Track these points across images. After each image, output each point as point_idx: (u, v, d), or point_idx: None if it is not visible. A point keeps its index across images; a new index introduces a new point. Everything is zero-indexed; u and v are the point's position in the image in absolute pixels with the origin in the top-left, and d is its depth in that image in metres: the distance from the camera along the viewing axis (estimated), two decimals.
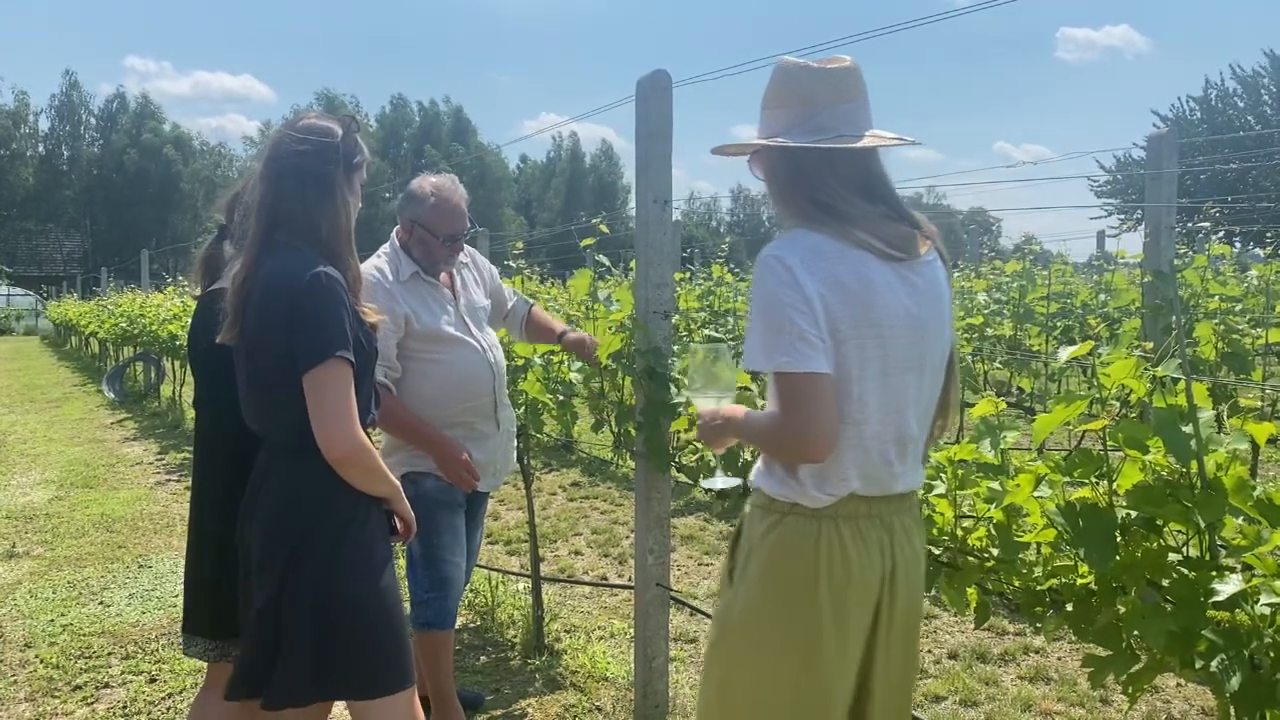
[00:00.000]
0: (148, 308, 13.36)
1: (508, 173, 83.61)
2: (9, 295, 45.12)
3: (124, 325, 14.30)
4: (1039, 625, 2.13)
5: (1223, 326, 4.40)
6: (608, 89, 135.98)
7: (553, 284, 13.76)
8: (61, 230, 66.51)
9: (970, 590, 2.32)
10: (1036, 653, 4.19)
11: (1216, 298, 4.48)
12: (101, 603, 5.10)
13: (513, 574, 5.26)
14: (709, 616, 4.19)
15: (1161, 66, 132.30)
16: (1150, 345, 4.11)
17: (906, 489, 1.92)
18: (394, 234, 3.39)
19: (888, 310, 1.79)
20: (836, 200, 1.81)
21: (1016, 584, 2.19)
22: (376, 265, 3.28)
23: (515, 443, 3.71)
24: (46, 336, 33.76)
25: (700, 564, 5.57)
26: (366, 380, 2.31)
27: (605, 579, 5.37)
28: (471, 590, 4.87)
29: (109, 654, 4.38)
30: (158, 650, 4.40)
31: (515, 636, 4.38)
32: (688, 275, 11.20)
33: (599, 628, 4.58)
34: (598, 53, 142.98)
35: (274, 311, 2.16)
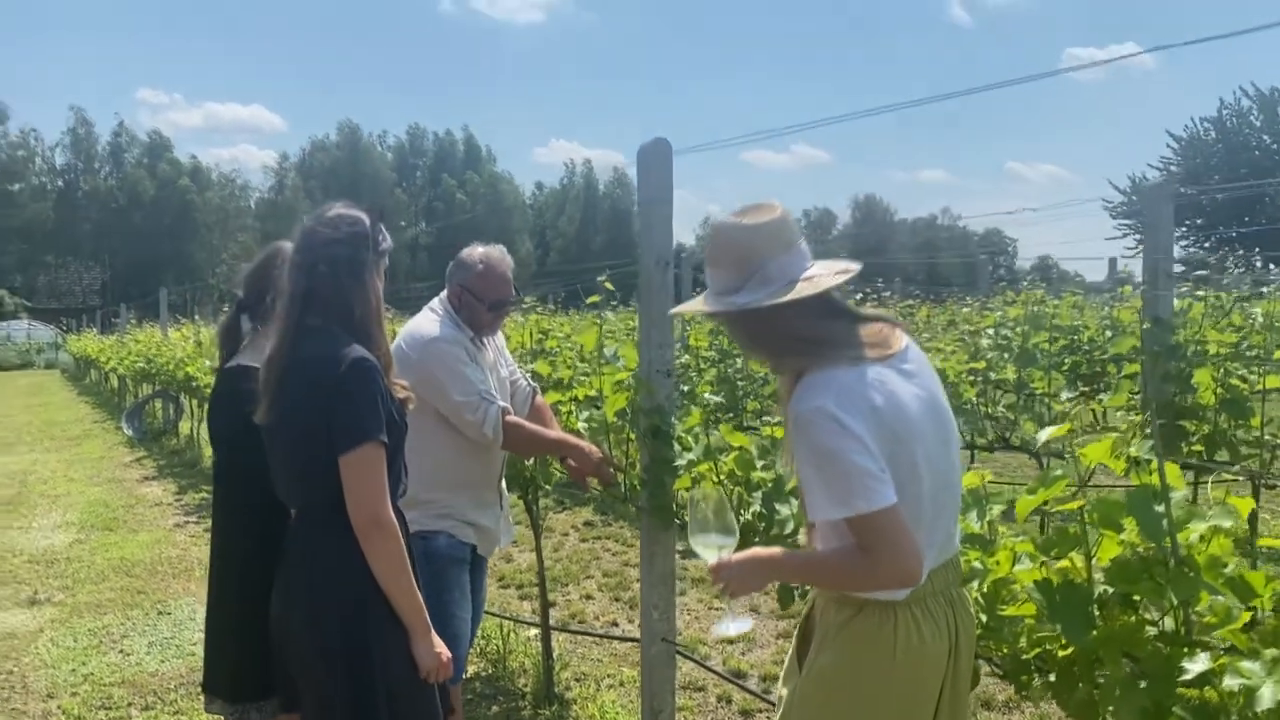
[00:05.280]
0: (165, 347, 13.54)
1: (520, 200, 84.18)
2: (29, 329, 45.62)
3: (142, 364, 14.48)
4: (1024, 693, 2.20)
5: (1222, 371, 4.44)
6: (616, 114, 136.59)
7: (564, 317, 13.88)
8: (80, 263, 67.20)
9: None
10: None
11: (1214, 344, 4.53)
12: (121, 651, 5.20)
13: (523, 622, 5.33)
14: (717, 673, 4.26)
15: (1170, 82, 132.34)
16: (1132, 415, 4.20)
17: (958, 546, 2.06)
18: (444, 296, 3.50)
19: (914, 411, 1.89)
20: (810, 331, 1.91)
21: (1005, 651, 2.26)
22: (436, 319, 3.39)
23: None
24: (66, 370, 34.07)
25: (711, 608, 5.63)
26: (400, 454, 2.44)
27: (615, 624, 5.44)
28: (483, 637, 4.95)
29: (129, 704, 4.48)
30: (177, 700, 4.49)
31: (526, 685, 4.45)
32: None
33: (609, 675, 4.65)
34: (605, 78, 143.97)
35: (316, 395, 2.29)
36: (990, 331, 7.83)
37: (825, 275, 1.93)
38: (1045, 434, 2.09)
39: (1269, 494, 6.84)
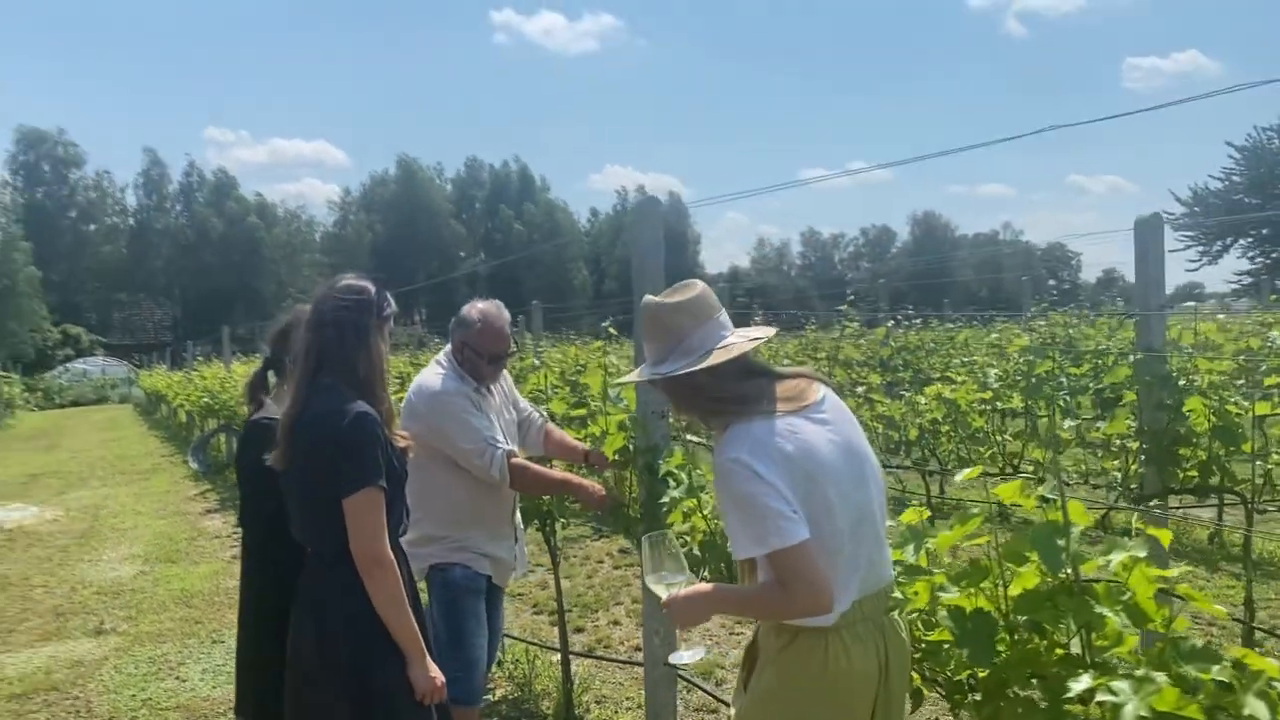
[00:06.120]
0: (228, 382, 14.12)
1: (576, 229, 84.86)
2: (104, 365, 47.30)
3: (206, 399, 15.08)
4: (957, 712, 2.40)
5: (1217, 399, 4.57)
6: (670, 137, 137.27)
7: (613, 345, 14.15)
8: (152, 300, 69.35)
9: (914, 676, 2.61)
10: None
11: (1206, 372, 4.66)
12: (178, 677, 5.56)
13: (545, 646, 5.58)
14: (718, 698, 4.48)
15: (1233, 91, 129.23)
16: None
17: (890, 576, 2.27)
18: (448, 350, 3.81)
19: (826, 454, 2.14)
20: (728, 391, 2.18)
21: (946, 674, 2.47)
22: (441, 373, 3.69)
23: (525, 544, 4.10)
24: (139, 405, 35.25)
25: (732, 632, 5.84)
26: (399, 498, 2.73)
27: (639, 649, 5.66)
28: (511, 661, 5.22)
29: None
30: None
31: (549, 708, 4.70)
32: None
33: (628, 698, 4.88)
34: (658, 103, 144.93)
35: (323, 445, 2.58)
36: (1016, 356, 7.96)
37: (740, 342, 2.21)
38: (961, 475, 2.31)
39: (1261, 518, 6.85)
